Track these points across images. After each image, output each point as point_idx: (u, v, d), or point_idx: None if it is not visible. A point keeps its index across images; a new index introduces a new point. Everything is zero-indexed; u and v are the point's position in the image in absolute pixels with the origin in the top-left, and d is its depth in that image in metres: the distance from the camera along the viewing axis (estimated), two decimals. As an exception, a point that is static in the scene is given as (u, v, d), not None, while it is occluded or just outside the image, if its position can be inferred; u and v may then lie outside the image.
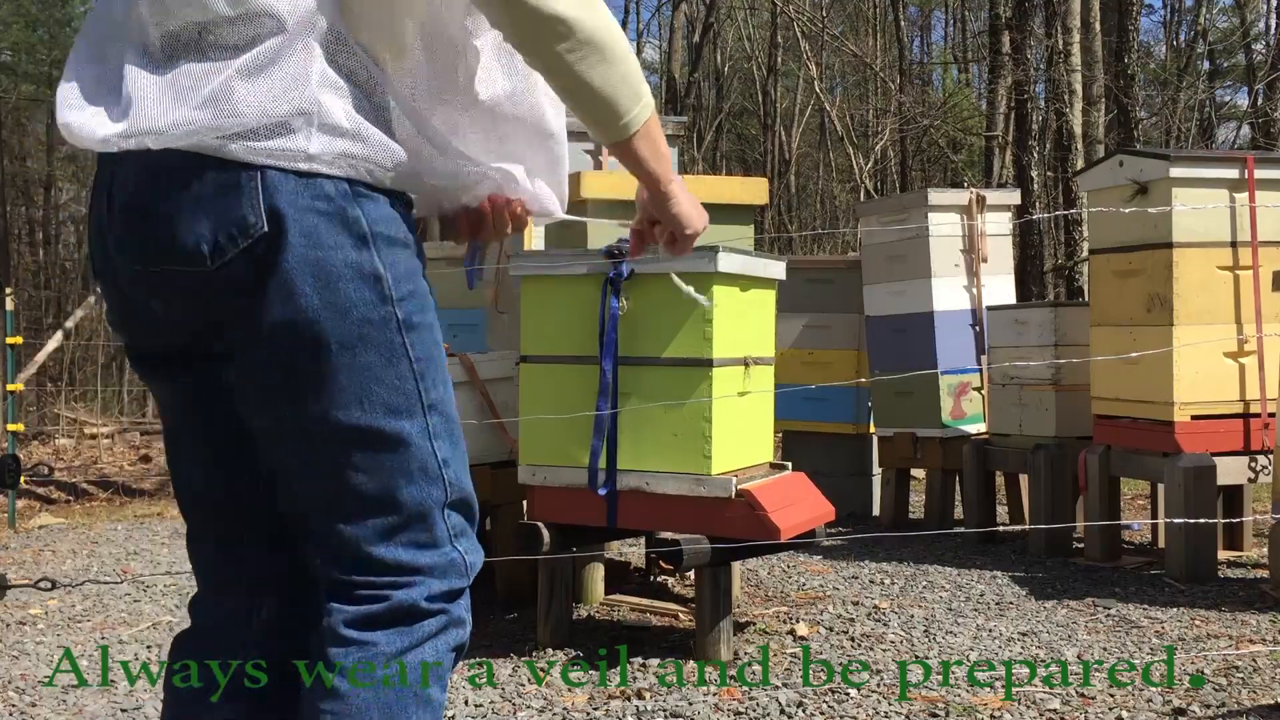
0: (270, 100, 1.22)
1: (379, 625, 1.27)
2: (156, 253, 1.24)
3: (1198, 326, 4.03)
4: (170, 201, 1.22)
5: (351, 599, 1.28)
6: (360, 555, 1.29)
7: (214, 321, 1.27)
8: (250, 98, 1.21)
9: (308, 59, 1.24)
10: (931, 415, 5.26)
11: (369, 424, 1.28)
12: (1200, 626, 3.45)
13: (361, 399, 1.27)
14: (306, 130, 1.23)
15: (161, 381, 1.38)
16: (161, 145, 1.21)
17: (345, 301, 1.25)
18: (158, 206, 1.23)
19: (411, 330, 1.30)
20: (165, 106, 1.21)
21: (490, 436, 3.86)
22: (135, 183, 1.24)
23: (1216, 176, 4.07)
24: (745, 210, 3.82)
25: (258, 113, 1.21)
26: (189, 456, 1.40)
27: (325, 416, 1.27)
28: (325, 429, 1.27)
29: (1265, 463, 4.08)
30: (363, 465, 1.28)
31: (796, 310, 5.85)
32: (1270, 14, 18.82)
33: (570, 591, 3.39)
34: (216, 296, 1.24)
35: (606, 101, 1.34)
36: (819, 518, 3.29)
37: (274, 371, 1.26)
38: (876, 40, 19.42)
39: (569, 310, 3.23)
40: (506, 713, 2.74)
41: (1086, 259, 8.39)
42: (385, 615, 1.27)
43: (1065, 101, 10.78)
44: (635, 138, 1.38)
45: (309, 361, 1.25)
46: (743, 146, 25.52)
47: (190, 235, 1.21)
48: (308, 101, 1.23)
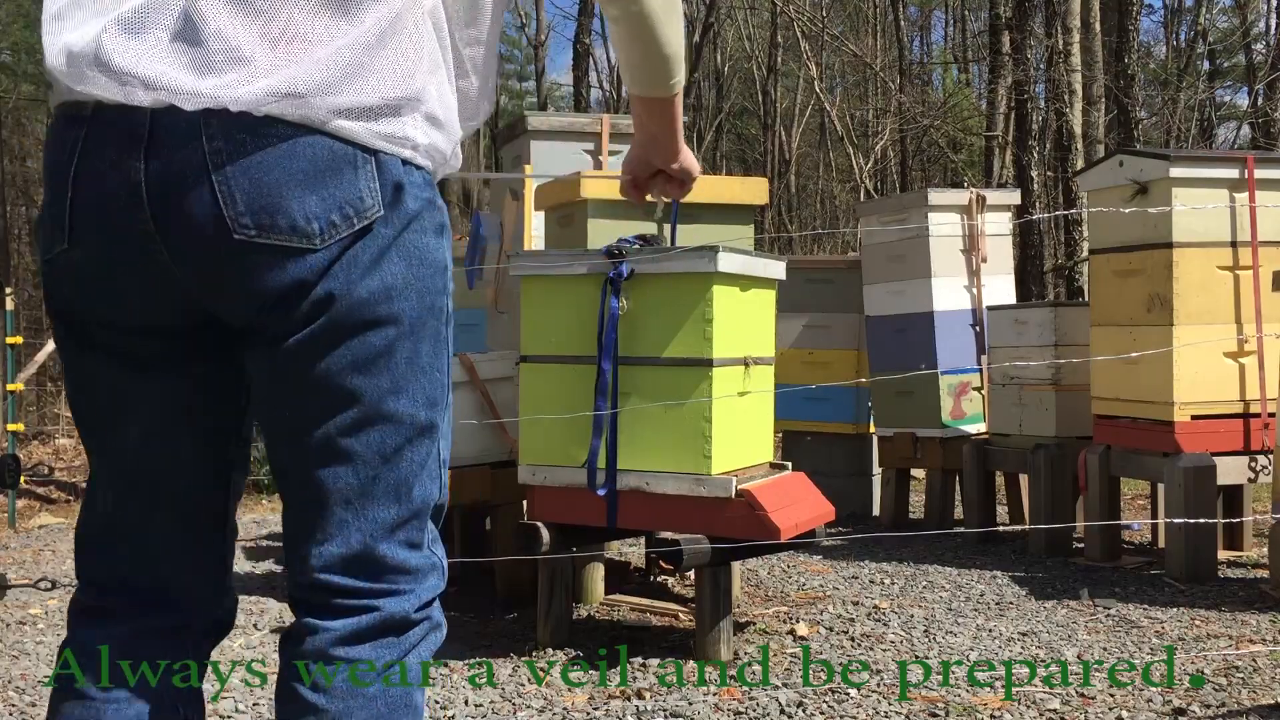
0: (389, 82, 1.18)
1: (368, 639, 1.24)
2: (251, 225, 1.14)
3: (1198, 326, 4.03)
4: (273, 173, 1.14)
5: (337, 611, 1.24)
6: (363, 552, 1.25)
7: (276, 299, 1.18)
8: (372, 75, 1.17)
9: (419, 37, 1.20)
10: (931, 415, 5.26)
11: (413, 412, 1.25)
12: (1200, 626, 3.45)
13: (412, 386, 1.25)
14: (414, 118, 1.20)
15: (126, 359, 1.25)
16: (265, 112, 1.13)
17: (427, 290, 1.24)
18: (258, 177, 1.14)
19: (450, 325, 1.31)
20: (271, 65, 1.13)
21: (490, 436, 3.86)
22: (218, 148, 1.14)
23: (1216, 176, 4.07)
24: (745, 210, 3.82)
25: (377, 93, 1.17)
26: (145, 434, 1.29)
27: (380, 400, 1.23)
28: (375, 412, 1.23)
29: (1265, 463, 4.08)
30: (397, 453, 1.25)
31: (796, 310, 5.86)
32: (1270, 14, 18.83)
33: (570, 591, 3.39)
34: (302, 274, 1.17)
35: (671, 59, 1.47)
36: (819, 518, 3.29)
37: (343, 354, 1.20)
38: (876, 40, 19.42)
39: (569, 310, 3.23)
40: (506, 713, 2.74)
41: (1086, 259, 8.39)
42: (376, 628, 1.24)
43: (1065, 101, 10.78)
44: (678, 95, 1.55)
45: (381, 345, 1.21)
46: (743, 146, 25.52)
47: (299, 212, 1.15)
48: (418, 87, 1.20)
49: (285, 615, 3.74)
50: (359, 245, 1.17)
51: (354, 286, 1.18)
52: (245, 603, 3.90)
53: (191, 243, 1.15)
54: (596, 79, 22.59)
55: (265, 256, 1.15)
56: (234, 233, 1.14)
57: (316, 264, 1.16)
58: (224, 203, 1.13)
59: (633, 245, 3.18)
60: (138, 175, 1.14)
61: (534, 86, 26.54)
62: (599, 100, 22.93)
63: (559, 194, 3.80)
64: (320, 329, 1.18)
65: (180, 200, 1.14)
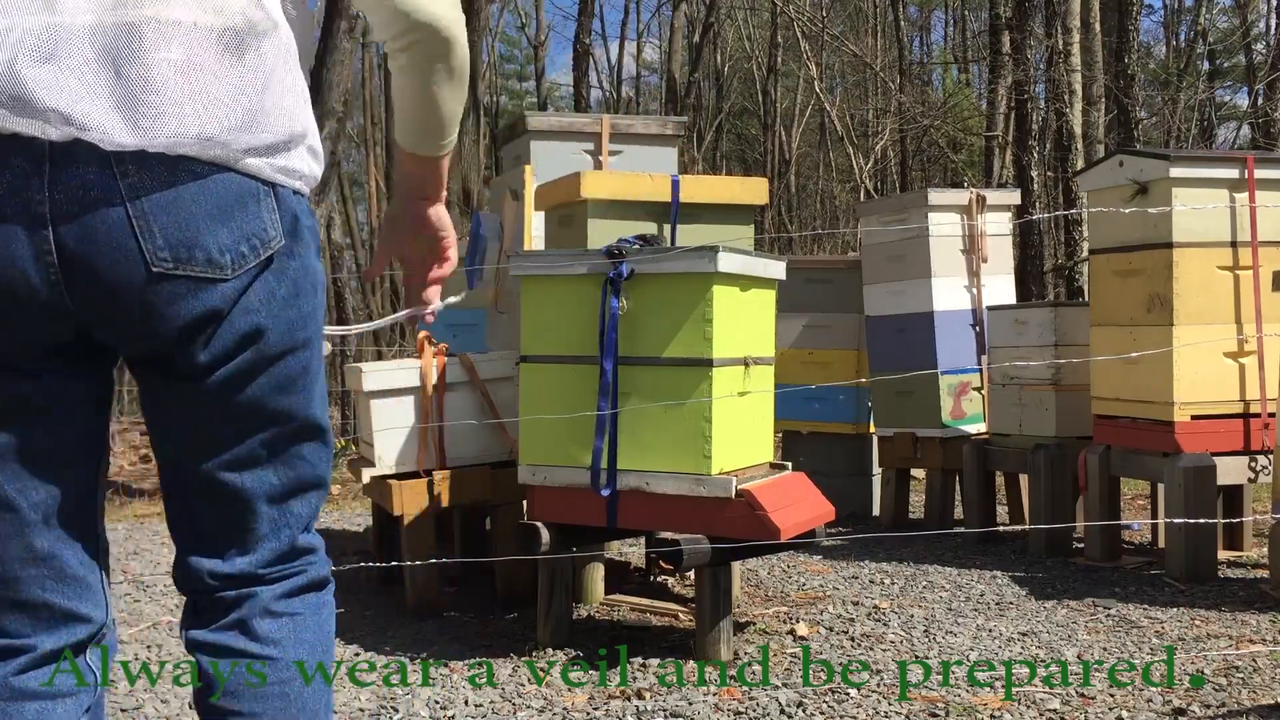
0: (284, 120, 1.27)
1: (299, 593, 1.43)
2: (169, 259, 1.21)
3: (1198, 326, 4.03)
4: (189, 208, 1.21)
5: (267, 581, 1.40)
6: (289, 546, 1.42)
7: (189, 329, 1.25)
8: (270, 114, 1.26)
9: (296, 75, 1.31)
10: (931, 415, 5.26)
11: (319, 417, 1.41)
12: (1200, 626, 3.45)
13: (316, 395, 1.40)
14: (300, 150, 1.30)
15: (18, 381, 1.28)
16: (180, 152, 1.20)
17: (317, 308, 1.37)
18: (176, 212, 1.21)
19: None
20: (180, 105, 1.19)
21: (490, 436, 3.87)
22: (133, 184, 1.19)
23: (1216, 176, 4.07)
24: (745, 210, 3.82)
25: (274, 131, 1.26)
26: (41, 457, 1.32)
27: (297, 412, 1.37)
28: (294, 424, 1.37)
29: (1265, 463, 4.08)
30: (310, 454, 1.41)
31: (796, 310, 5.86)
32: (1270, 14, 18.83)
33: (570, 591, 3.39)
34: (215, 303, 1.25)
35: (450, 119, 1.52)
36: (819, 518, 3.29)
37: (267, 380, 1.32)
38: (876, 40, 19.42)
39: (569, 310, 3.23)
40: (506, 713, 2.74)
41: (1086, 259, 8.39)
42: (305, 586, 1.44)
43: (1065, 101, 10.78)
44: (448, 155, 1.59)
45: (298, 368, 1.35)
46: (743, 146, 25.52)
47: (214, 244, 1.23)
48: (304, 122, 1.30)
49: (285, 615, 3.74)
50: (269, 275, 1.28)
51: (277, 319, 1.30)
52: (245, 603, 3.90)
53: (104, 274, 1.20)
54: (596, 79, 22.60)
55: (180, 286, 1.22)
56: (152, 265, 1.20)
57: (228, 292, 1.25)
58: (141, 236, 1.19)
59: (633, 245, 3.19)
60: (42, 207, 1.17)
61: (534, 86, 26.56)
62: (599, 100, 22.94)
63: (559, 194, 3.80)
64: (248, 361, 1.30)
65: (93, 233, 1.18)
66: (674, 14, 20.13)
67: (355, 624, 3.63)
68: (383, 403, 3.73)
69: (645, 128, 4.48)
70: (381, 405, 3.73)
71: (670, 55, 19.97)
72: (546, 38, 23.54)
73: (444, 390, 3.80)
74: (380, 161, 18.32)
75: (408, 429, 3.77)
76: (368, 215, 19.46)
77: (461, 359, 3.86)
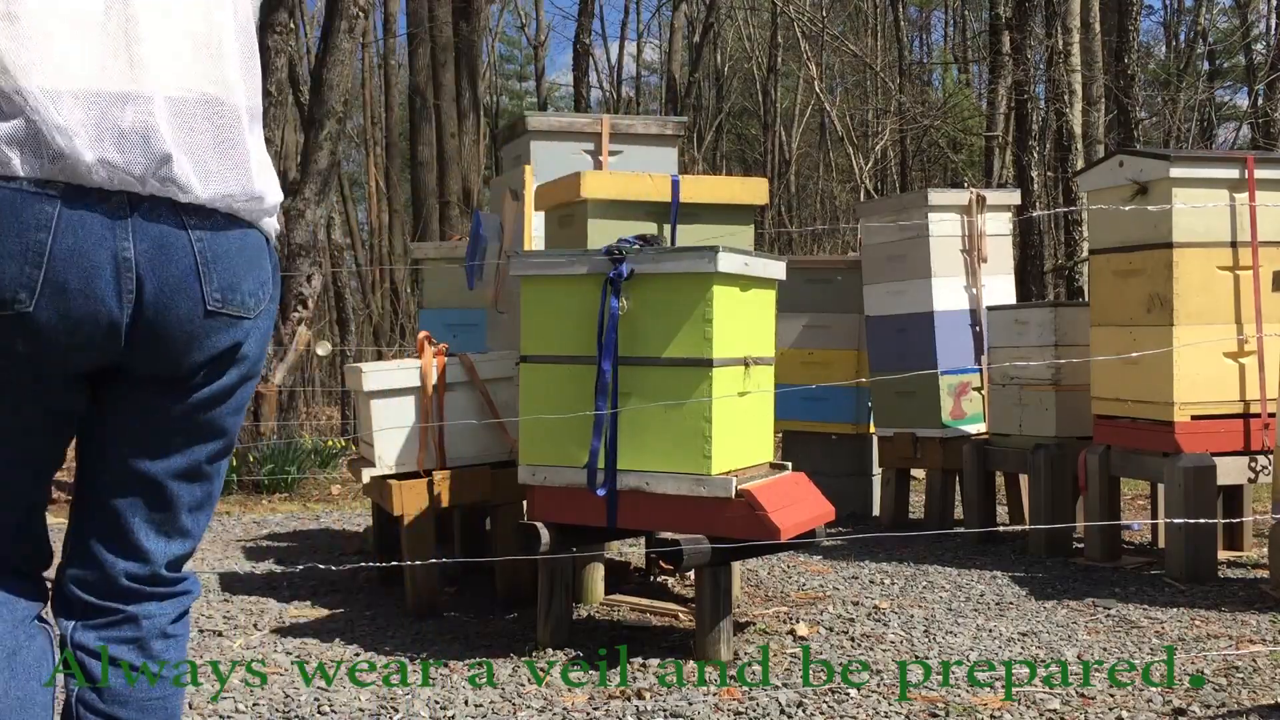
0: (274, 186, 1.51)
1: (182, 617, 1.59)
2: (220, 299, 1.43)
3: (1198, 326, 4.03)
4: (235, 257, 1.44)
5: (163, 597, 1.56)
6: (192, 551, 1.59)
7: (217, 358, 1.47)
8: (271, 181, 1.50)
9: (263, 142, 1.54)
10: (931, 415, 5.26)
11: (234, 439, 1.59)
12: (1200, 626, 3.45)
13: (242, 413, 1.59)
14: (275, 210, 1.53)
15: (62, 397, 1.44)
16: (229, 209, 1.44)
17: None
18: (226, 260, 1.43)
19: None
20: (235, 175, 1.44)
21: (490, 436, 3.87)
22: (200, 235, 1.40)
23: (1216, 176, 4.07)
24: (745, 210, 3.82)
25: (273, 197, 1.50)
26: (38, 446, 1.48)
27: (234, 433, 1.57)
28: (230, 443, 1.57)
29: (1265, 463, 4.08)
30: (222, 475, 1.61)
31: (796, 310, 5.86)
32: (1270, 14, 18.83)
33: (570, 591, 3.39)
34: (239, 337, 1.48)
35: None
36: (819, 518, 3.29)
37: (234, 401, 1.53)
38: (876, 40, 19.41)
39: (569, 310, 3.23)
40: (506, 713, 2.74)
41: (1086, 259, 8.39)
42: (185, 610, 1.60)
43: (1065, 101, 10.78)
44: None
45: (249, 393, 1.57)
46: (743, 146, 25.52)
47: (247, 289, 1.46)
48: (276, 185, 1.52)
49: (285, 615, 3.74)
50: (263, 317, 1.51)
51: (259, 353, 1.53)
52: (245, 603, 3.90)
53: (169, 311, 1.39)
54: (596, 79, 22.60)
55: (222, 323, 1.45)
56: (208, 305, 1.42)
57: (249, 330, 1.49)
58: (204, 280, 1.41)
59: (633, 245, 3.18)
60: (127, 252, 1.35)
61: (534, 87, 26.56)
62: (599, 100, 22.94)
63: (559, 194, 3.80)
64: (230, 383, 1.50)
65: (168, 275, 1.38)
66: (674, 14, 20.13)
67: (355, 624, 3.63)
68: (383, 403, 3.73)
69: (645, 128, 4.48)
70: (381, 405, 3.73)
71: (670, 55, 19.97)
72: (546, 38, 23.54)
73: (444, 390, 3.80)
74: (380, 161, 18.31)
75: (408, 429, 3.77)
76: (368, 215, 19.46)
77: (461, 359, 3.86)
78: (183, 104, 1.38)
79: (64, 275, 1.32)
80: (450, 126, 13.43)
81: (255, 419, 7.60)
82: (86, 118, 1.31)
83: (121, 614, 1.52)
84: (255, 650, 3.31)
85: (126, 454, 1.49)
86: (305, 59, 14.90)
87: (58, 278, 1.32)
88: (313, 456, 7.61)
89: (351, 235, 17.64)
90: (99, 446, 1.49)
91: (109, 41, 1.34)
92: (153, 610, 1.54)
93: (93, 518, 1.52)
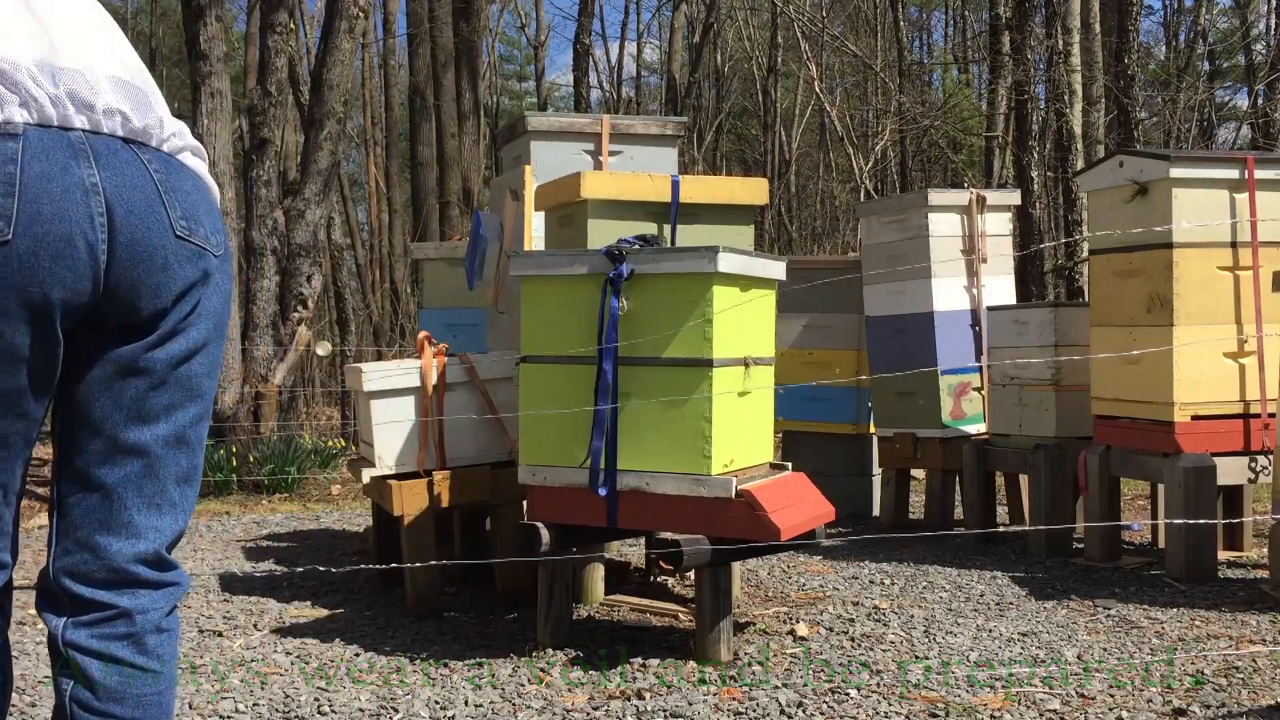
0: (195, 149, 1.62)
1: (174, 610, 1.59)
2: (184, 226, 1.50)
3: (1198, 326, 4.03)
4: (190, 193, 1.53)
5: (157, 585, 1.56)
6: (184, 529, 1.59)
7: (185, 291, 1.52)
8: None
9: None
10: (931, 415, 5.26)
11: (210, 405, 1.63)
12: (1200, 626, 3.45)
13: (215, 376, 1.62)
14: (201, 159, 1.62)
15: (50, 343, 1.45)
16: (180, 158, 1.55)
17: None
18: (181, 193, 1.52)
19: None
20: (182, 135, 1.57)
21: (490, 436, 3.86)
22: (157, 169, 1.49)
23: (1216, 177, 4.07)
24: (745, 210, 3.82)
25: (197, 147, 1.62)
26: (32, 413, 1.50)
27: (211, 395, 1.61)
28: (208, 409, 1.60)
29: (1265, 463, 4.08)
30: (203, 443, 1.61)
31: (796, 310, 5.86)
32: (1270, 14, 18.84)
33: (570, 591, 3.38)
34: (207, 267, 1.54)
35: None
36: (819, 518, 3.29)
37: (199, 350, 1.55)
38: (876, 41, 19.41)
39: (569, 310, 3.23)
40: (506, 713, 2.74)
41: (1086, 259, 8.38)
42: (176, 605, 1.60)
43: (1065, 101, 10.78)
44: None
45: (219, 355, 1.60)
46: (743, 146, 25.52)
47: (206, 225, 1.54)
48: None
49: (285, 615, 3.74)
50: (221, 273, 1.57)
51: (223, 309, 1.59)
52: (245, 603, 3.90)
53: (139, 233, 1.45)
54: (596, 79, 22.59)
55: (190, 250, 1.51)
56: (175, 229, 1.49)
57: (215, 265, 1.55)
58: (167, 205, 1.49)
59: (633, 245, 3.18)
60: (94, 178, 1.43)
61: (534, 87, 26.55)
62: (599, 100, 22.93)
63: (559, 194, 3.80)
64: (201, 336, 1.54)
65: (133, 202, 1.45)
66: (674, 14, 20.13)
67: (355, 624, 3.63)
68: (383, 403, 3.73)
69: (645, 128, 4.48)
70: (382, 405, 3.73)
71: (670, 55, 19.96)
72: (546, 38, 23.54)
73: (444, 390, 3.80)
74: (380, 161, 18.31)
75: (408, 429, 3.77)
76: (368, 215, 19.46)
77: (461, 359, 3.86)
78: (108, 75, 1.50)
79: (37, 202, 1.38)
80: (450, 126, 13.44)
81: (255, 419, 7.60)
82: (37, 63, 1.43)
83: (114, 609, 1.52)
84: (255, 650, 3.31)
85: (112, 423, 1.50)
86: (305, 59, 14.90)
87: (31, 206, 1.37)
88: (313, 456, 7.62)
89: (351, 235, 17.64)
90: (82, 421, 1.50)
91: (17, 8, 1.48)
92: (146, 604, 1.54)
93: (81, 500, 1.51)
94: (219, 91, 8.06)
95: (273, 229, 8.05)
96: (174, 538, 1.58)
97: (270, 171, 8.19)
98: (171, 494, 1.56)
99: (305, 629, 3.56)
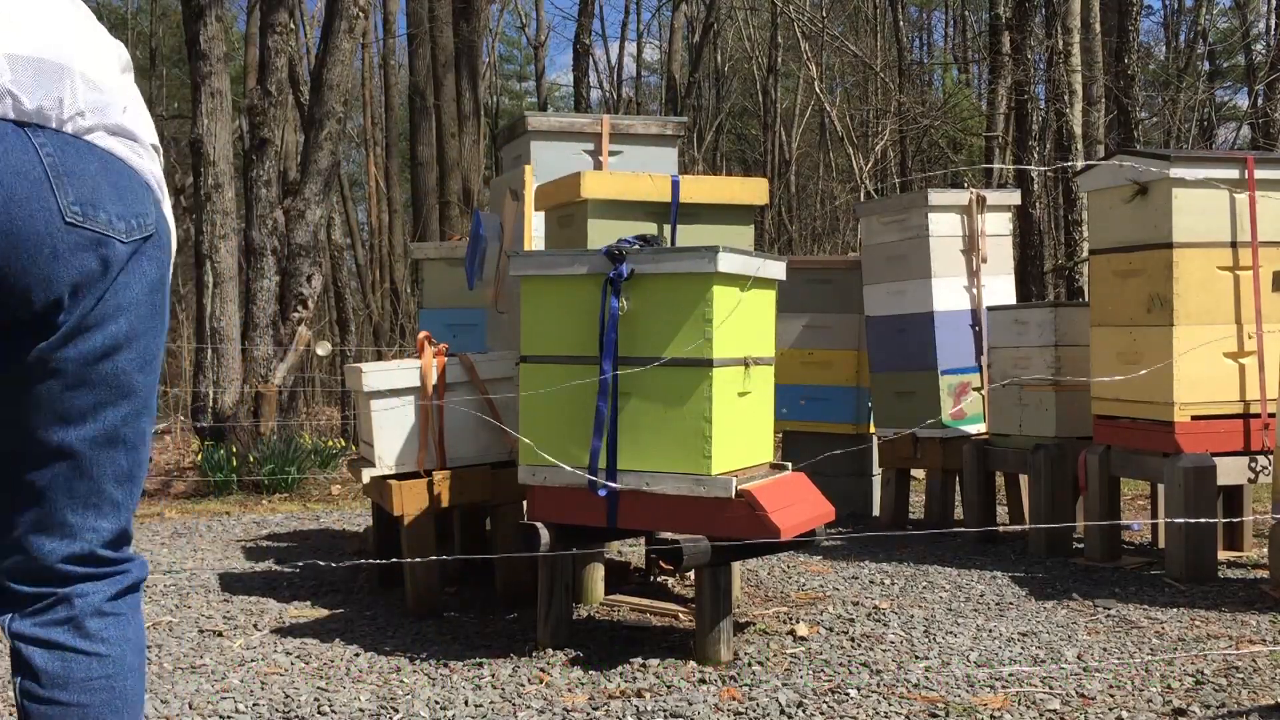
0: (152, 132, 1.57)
1: (124, 594, 1.55)
2: (77, 212, 1.41)
3: (1198, 326, 4.03)
4: (92, 177, 1.45)
5: (100, 578, 1.53)
6: (127, 527, 1.55)
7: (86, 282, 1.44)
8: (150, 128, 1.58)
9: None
10: (931, 415, 5.26)
11: (155, 403, 1.57)
12: (1200, 626, 3.45)
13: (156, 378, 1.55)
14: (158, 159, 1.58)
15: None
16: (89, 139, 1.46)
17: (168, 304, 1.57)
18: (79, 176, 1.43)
19: None
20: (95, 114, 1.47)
21: (490, 436, 3.86)
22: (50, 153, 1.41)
23: (1216, 176, 4.07)
24: (745, 210, 3.82)
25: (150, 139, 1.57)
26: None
27: (148, 394, 1.54)
28: (144, 405, 1.53)
29: (1265, 463, 4.08)
30: (148, 440, 1.56)
31: (796, 310, 5.85)
32: (1270, 14, 18.83)
33: (570, 591, 3.38)
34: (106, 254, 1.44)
35: None
36: (819, 518, 3.29)
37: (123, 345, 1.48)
38: (876, 41, 19.41)
39: (569, 310, 3.23)
40: (506, 713, 2.74)
41: (1086, 259, 8.38)
42: (130, 587, 1.56)
43: (1065, 102, 10.78)
44: None
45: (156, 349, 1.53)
46: (743, 146, 25.52)
47: (112, 209, 1.45)
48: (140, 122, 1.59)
49: (285, 615, 3.74)
50: (145, 258, 1.49)
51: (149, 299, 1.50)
52: (245, 603, 3.90)
53: (19, 223, 1.37)
54: (596, 79, 22.59)
55: (85, 238, 1.42)
56: (65, 214, 1.40)
57: (121, 254, 1.45)
58: (56, 189, 1.40)
59: (633, 245, 3.18)
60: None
61: (534, 87, 26.55)
62: (599, 100, 22.93)
63: (559, 194, 3.80)
64: (121, 331, 1.46)
65: (15, 185, 1.37)
66: (674, 14, 20.12)
67: (355, 624, 3.63)
68: (383, 403, 3.73)
69: (645, 128, 4.48)
70: (382, 405, 3.73)
71: (670, 55, 19.96)
72: (546, 38, 23.54)
73: (444, 390, 3.80)
74: (380, 161, 18.31)
75: (408, 429, 3.77)
76: (368, 215, 19.46)
77: (461, 359, 3.86)
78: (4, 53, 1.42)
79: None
80: (450, 126, 13.43)
81: (255, 419, 7.60)
82: None
83: (54, 596, 1.50)
84: (255, 650, 3.31)
85: (37, 426, 1.46)
86: (305, 59, 14.89)
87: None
88: (313, 456, 7.62)
89: (351, 235, 17.64)
90: (4, 423, 1.47)
91: None
92: (86, 589, 1.51)
93: (14, 504, 1.49)
94: (219, 91, 8.07)
95: (273, 229, 8.05)
96: (113, 536, 1.54)
97: (270, 171, 8.20)
98: (110, 493, 1.51)
99: (305, 629, 3.56)
